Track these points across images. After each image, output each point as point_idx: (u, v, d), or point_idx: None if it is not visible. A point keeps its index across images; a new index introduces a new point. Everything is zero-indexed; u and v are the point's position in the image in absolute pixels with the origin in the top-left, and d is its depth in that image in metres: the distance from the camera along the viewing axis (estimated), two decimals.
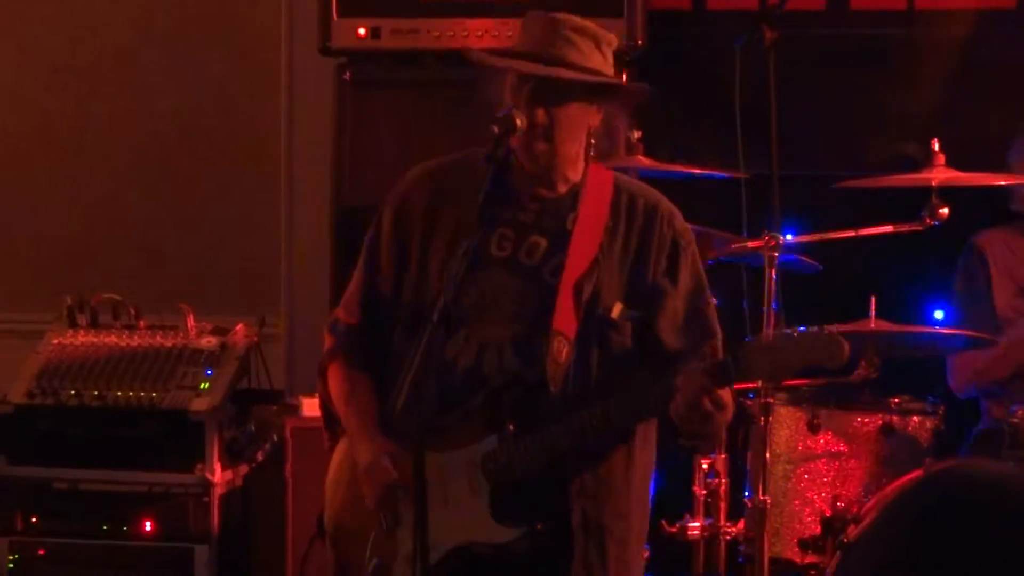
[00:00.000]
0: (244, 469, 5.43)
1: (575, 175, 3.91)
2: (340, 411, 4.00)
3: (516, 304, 3.87)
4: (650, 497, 4.05)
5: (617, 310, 3.87)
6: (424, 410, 3.54)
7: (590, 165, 3.94)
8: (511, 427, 3.79)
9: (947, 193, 4.89)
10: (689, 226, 3.99)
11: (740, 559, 5.02)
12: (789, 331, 3.67)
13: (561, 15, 3.88)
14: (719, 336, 3.96)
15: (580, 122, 3.87)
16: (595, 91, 3.87)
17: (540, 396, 3.81)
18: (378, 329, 4.00)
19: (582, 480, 3.84)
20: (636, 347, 3.90)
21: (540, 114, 3.79)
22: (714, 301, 3.99)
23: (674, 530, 4.99)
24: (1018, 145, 5.38)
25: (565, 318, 3.82)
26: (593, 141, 3.93)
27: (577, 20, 3.90)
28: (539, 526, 3.80)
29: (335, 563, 4.02)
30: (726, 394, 3.68)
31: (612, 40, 3.92)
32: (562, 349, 3.81)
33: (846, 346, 3.59)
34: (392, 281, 3.98)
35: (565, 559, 3.84)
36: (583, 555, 3.84)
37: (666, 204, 3.99)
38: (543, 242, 3.90)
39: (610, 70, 3.91)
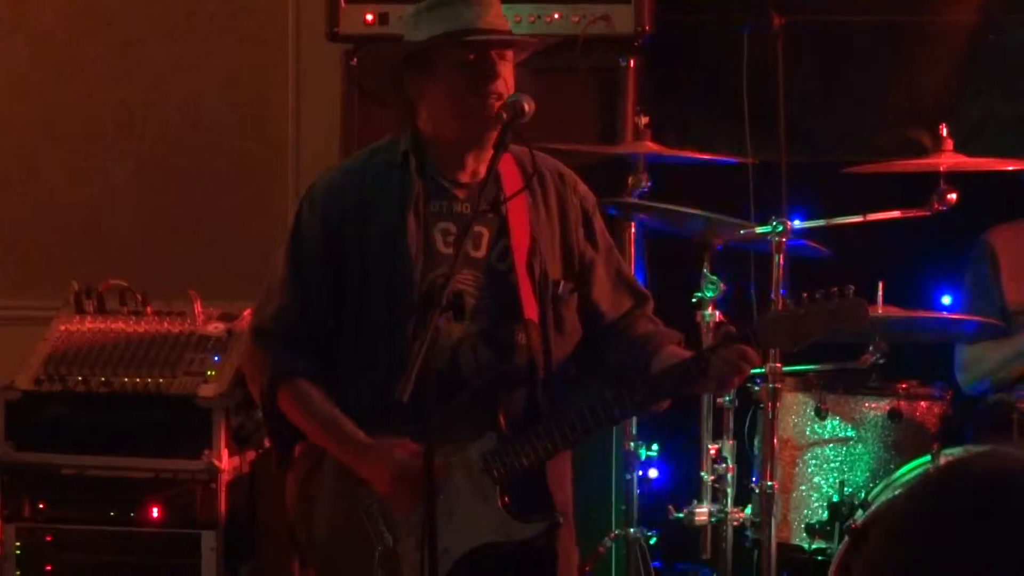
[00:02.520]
0: (251, 455, 5.41)
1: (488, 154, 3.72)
2: (316, 428, 3.80)
3: (475, 298, 3.78)
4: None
5: (563, 286, 3.84)
6: (434, 402, 3.43)
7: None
8: (504, 423, 3.74)
9: (955, 178, 4.88)
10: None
11: (747, 544, 5.02)
12: (804, 299, 3.66)
13: None
14: (650, 296, 3.96)
15: None
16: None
17: (526, 387, 3.78)
18: (314, 335, 3.84)
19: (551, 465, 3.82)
20: (578, 320, 3.89)
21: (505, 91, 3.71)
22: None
23: (681, 516, 4.98)
24: None
25: (529, 304, 3.78)
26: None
27: None
28: (559, 518, 3.77)
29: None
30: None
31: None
32: (533, 335, 3.78)
33: (867, 307, 3.60)
34: (326, 285, 3.83)
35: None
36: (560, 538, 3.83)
37: (567, 171, 3.94)
38: (485, 231, 3.81)
39: None
